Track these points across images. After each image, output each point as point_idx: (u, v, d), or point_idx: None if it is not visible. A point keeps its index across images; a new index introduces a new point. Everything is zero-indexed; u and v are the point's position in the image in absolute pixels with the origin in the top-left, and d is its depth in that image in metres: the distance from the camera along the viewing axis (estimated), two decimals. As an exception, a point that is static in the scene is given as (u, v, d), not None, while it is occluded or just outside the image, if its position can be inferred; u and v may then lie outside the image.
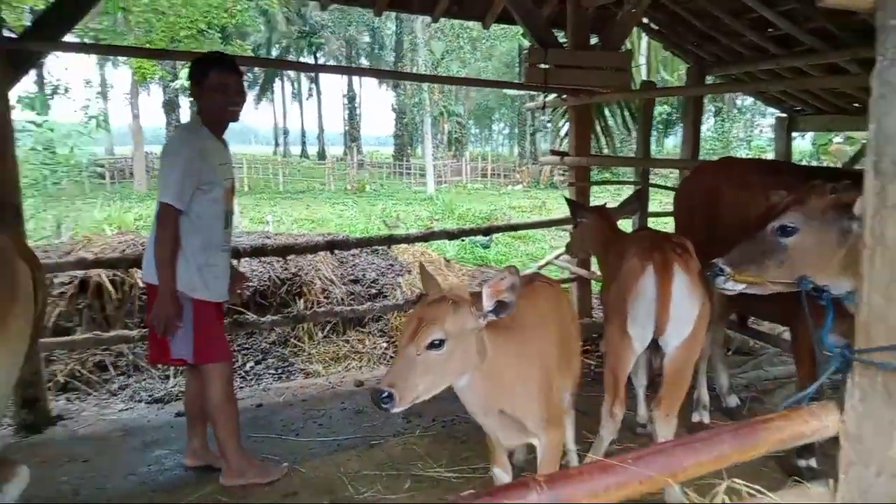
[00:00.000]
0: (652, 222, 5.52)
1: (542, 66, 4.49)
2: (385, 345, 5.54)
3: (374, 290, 6.10)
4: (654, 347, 2.65)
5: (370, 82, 56.92)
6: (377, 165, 35.03)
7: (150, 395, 4.66)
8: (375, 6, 5.10)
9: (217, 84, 2.83)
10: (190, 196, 2.79)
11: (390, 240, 4.90)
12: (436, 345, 1.74)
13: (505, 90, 29.69)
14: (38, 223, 9.77)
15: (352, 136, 40.92)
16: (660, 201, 9.09)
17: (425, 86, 25.52)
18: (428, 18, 5.61)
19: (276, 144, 53.61)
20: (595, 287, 5.63)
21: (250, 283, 5.28)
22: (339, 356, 5.38)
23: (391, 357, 5.32)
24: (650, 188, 5.51)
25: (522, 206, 20.41)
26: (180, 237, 2.82)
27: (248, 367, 5.25)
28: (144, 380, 4.93)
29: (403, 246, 6.62)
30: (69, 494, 3.10)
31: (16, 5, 12.73)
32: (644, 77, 8.05)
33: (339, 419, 3.96)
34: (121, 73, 28.61)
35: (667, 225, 6.19)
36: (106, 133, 22.07)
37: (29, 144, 12.03)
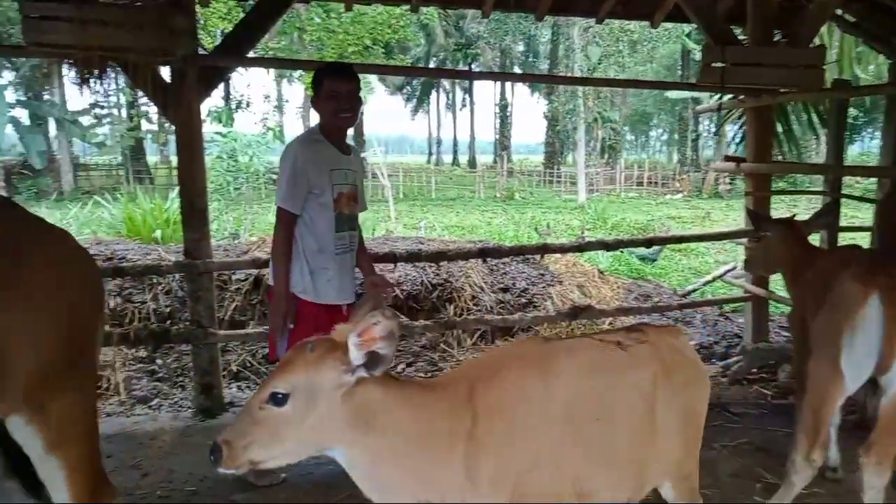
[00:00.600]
0: (841, 238, 4.86)
1: (718, 64, 4.12)
2: (534, 356, 5.39)
3: (523, 300, 5.99)
4: (868, 384, 2.27)
5: (522, 91, 57.11)
6: (527, 173, 34.91)
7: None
8: (537, 11, 5.00)
9: (329, 92, 2.91)
10: (301, 200, 2.89)
11: (544, 249, 4.75)
12: (278, 399, 1.43)
13: (666, 93, 28.28)
14: (220, 224, 10.80)
15: (502, 144, 41.19)
16: (845, 214, 8.06)
17: (580, 92, 25.00)
18: (586, 23, 5.40)
19: (430, 153, 55.38)
20: (775, 308, 5.07)
21: (392, 292, 5.34)
22: (487, 364, 5.32)
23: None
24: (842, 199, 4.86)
25: (683, 216, 19.24)
26: (296, 239, 2.94)
27: (399, 369, 5.36)
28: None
29: (555, 255, 6.43)
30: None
31: (210, 29, 14.29)
32: (834, 75, 7.20)
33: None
34: (295, 89, 31.10)
35: (855, 242, 5.43)
36: (281, 143, 24.13)
37: (215, 153, 13.42)
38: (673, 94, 26.13)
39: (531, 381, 1.65)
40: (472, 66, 37.95)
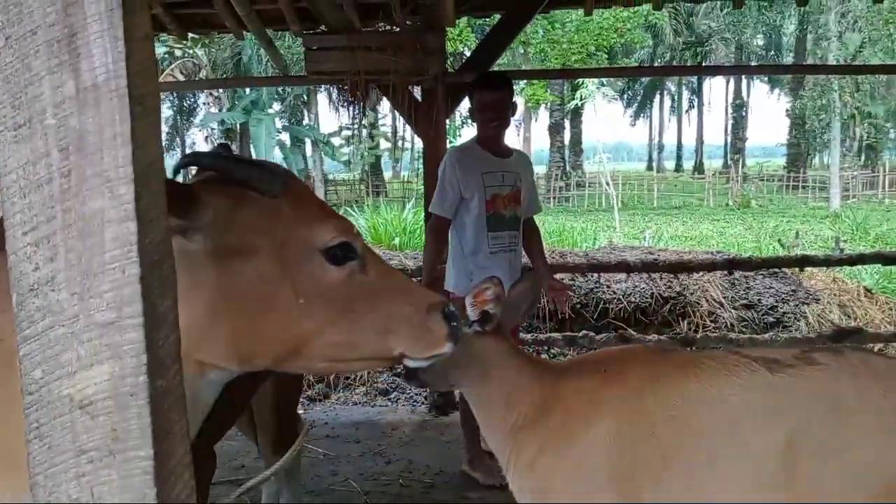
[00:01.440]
0: None
1: None
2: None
3: (771, 319, 5.39)
4: None
5: (760, 89, 51.88)
6: (765, 178, 31.58)
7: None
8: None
9: (478, 104, 3.11)
10: (452, 205, 3.09)
11: (804, 262, 4.23)
12: None
13: (948, 82, 23.67)
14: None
15: (736, 147, 37.80)
16: None
17: (835, 85, 21.98)
18: (843, 8, 4.70)
19: (650, 160, 52.95)
20: None
21: (569, 296, 5.07)
22: (727, 387, 4.89)
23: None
24: None
25: (972, 227, 15.91)
26: (455, 241, 3.13)
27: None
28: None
29: (810, 270, 5.70)
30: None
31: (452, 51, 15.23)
32: None
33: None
34: (518, 101, 31.85)
35: None
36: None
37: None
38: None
39: (611, 393, 1.65)
40: (702, 64, 35.46)
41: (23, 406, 0.74)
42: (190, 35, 5.27)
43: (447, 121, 4.66)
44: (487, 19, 5.95)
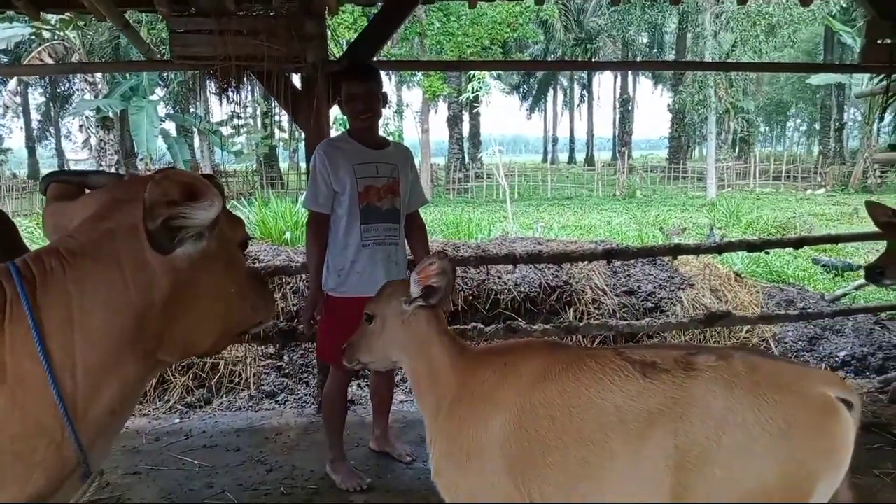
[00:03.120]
0: None
1: (886, 41, 3.64)
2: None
3: (649, 304, 5.65)
4: None
5: (645, 85, 54.78)
6: (649, 170, 33.44)
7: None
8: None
9: (346, 95, 3.07)
10: (328, 199, 3.05)
11: (676, 250, 4.44)
12: (368, 318, 1.91)
13: (807, 80, 26.04)
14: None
15: (623, 140, 39.76)
16: None
17: (711, 82, 23.54)
18: (718, 7, 4.98)
19: (545, 152, 54.68)
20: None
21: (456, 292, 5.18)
22: (610, 372, 5.08)
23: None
24: None
25: (827, 213, 17.57)
26: (329, 238, 3.11)
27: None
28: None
29: (685, 257, 6.03)
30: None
31: (337, 39, 14.91)
32: None
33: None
34: (415, 94, 31.81)
35: None
36: (399, 146, 24.78)
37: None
38: (815, 80, 23.96)
39: (506, 387, 1.71)
40: (593, 60, 36.95)
41: None
42: (51, 16, 4.79)
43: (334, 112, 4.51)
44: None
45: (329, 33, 5.04)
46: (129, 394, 1.27)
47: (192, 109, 23.92)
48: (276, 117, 25.12)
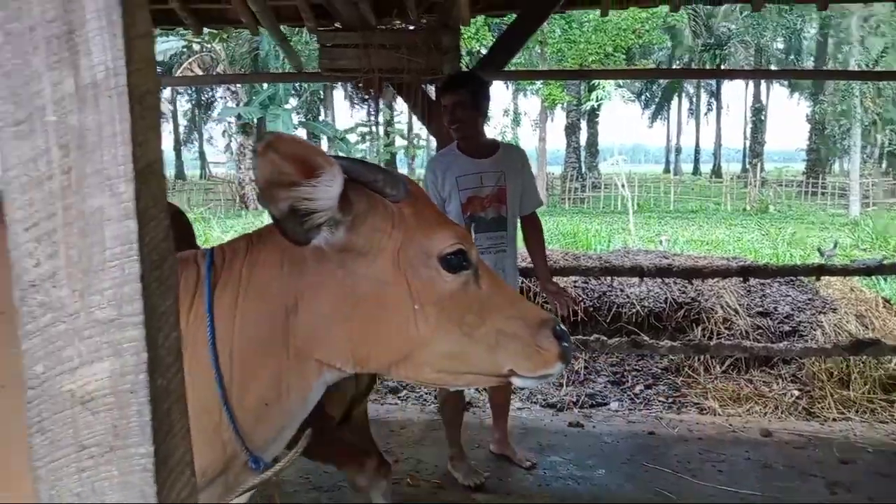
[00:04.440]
0: None
1: None
2: (797, 393, 4.75)
3: (786, 328, 5.31)
4: None
5: (780, 93, 51.29)
6: (783, 184, 31.23)
7: (545, 400, 4.91)
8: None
9: (442, 107, 3.13)
10: (442, 209, 3.00)
11: (820, 270, 4.16)
12: None
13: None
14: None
15: (754, 151, 37.41)
16: None
17: (856, 91, 21.68)
18: (867, 10, 4.61)
19: (667, 162, 52.55)
20: None
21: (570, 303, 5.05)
22: (740, 397, 4.82)
23: (803, 408, 4.56)
24: None
25: None
26: None
27: (637, 390, 5.11)
28: (541, 384, 5.21)
29: (827, 279, 5.61)
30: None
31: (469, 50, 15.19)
32: None
33: (742, 469, 3.52)
34: (531, 102, 31.76)
35: None
36: (516, 154, 24.87)
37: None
38: None
39: None
40: (722, 67, 35.17)
41: (26, 400, 0.74)
42: (206, 30, 5.31)
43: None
44: (504, 18, 5.93)
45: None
46: (286, 390, 1.19)
47: (321, 118, 25.31)
48: (398, 125, 26.07)
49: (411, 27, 3.90)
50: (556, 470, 3.50)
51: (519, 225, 3.29)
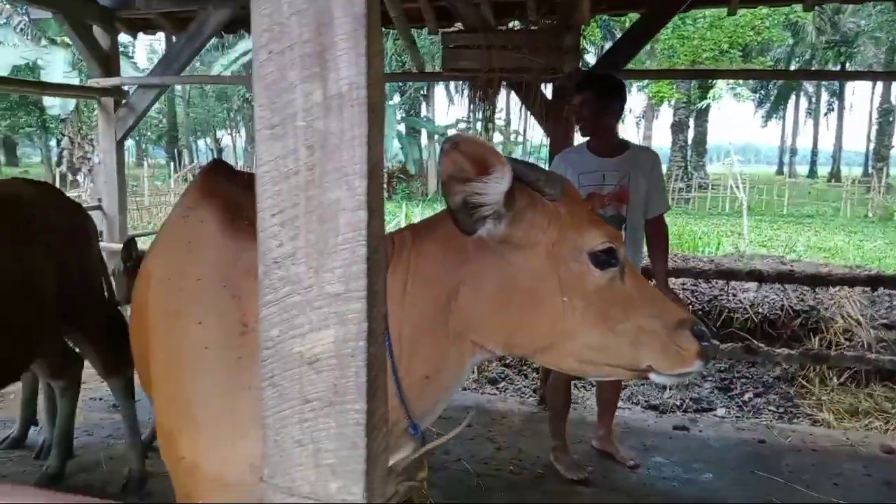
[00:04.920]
0: None
1: None
2: (925, 411, 4.45)
3: (915, 343, 4.98)
4: None
5: (914, 90, 46.84)
6: (913, 190, 28.61)
7: (646, 401, 4.86)
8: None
9: (573, 105, 3.19)
10: None
11: (960, 284, 3.87)
12: None
13: None
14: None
15: (879, 154, 34.50)
16: None
17: None
18: None
19: (781, 163, 49.48)
20: None
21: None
22: (859, 411, 4.58)
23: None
24: None
25: None
26: None
27: (746, 398, 4.96)
28: (643, 385, 5.16)
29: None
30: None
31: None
32: None
33: (860, 484, 3.36)
34: (636, 99, 30.85)
35: None
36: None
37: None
38: None
39: None
40: (847, 65, 32.66)
41: (262, 358, 0.89)
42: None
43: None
44: (619, 18, 5.87)
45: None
46: (444, 367, 1.32)
47: (422, 114, 25.78)
48: (499, 122, 26.10)
49: (533, 27, 3.97)
50: (661, 471, 3.48)
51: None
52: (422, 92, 24.87)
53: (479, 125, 27.10)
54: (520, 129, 30.10)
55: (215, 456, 1.29)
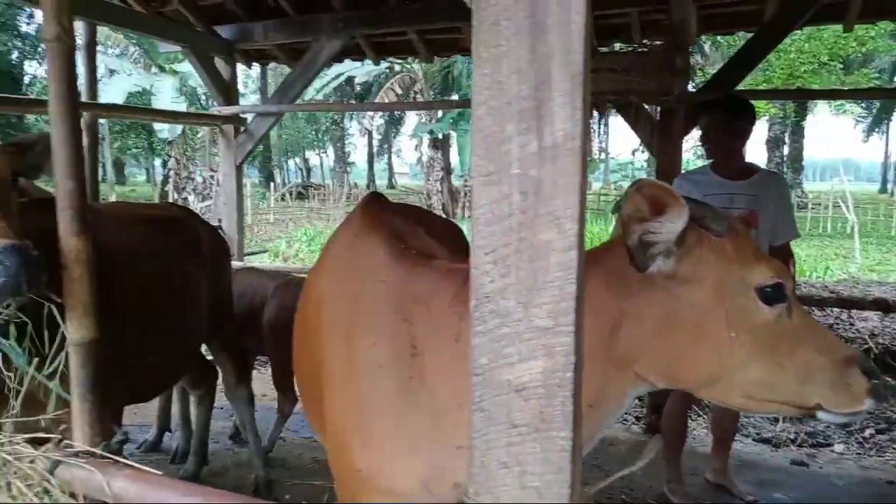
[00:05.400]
0: None
1: None
2: None
3: None
4: None
5: None
6: None
7: (758, 434, 4.67)
8: None
9: (698, 127, 3.18)
10: None
11: None
12: None
13: None
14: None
15: None
16: None
17: None
18: None
19: (885, 181, 46.28)
20: None
21: None
22: None
23: None
24: None
25: None
26: None
27: (867, 434, 4.66)
28: (753, 416, 4.96)
29: None
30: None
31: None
32: None
33: None
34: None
35: None
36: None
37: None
38: None
39: None
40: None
41: (470, 385, 0.97)
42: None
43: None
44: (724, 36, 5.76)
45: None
46: (606, 396, 1.34)
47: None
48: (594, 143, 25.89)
49: (642, 49, 3.98)
50: (779, 508, 3.35)
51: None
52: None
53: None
54: (600, 146, 29.72)
55: (388, 469, 1.38)
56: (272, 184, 30.67)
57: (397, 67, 20.20)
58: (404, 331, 1.41)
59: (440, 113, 21.14)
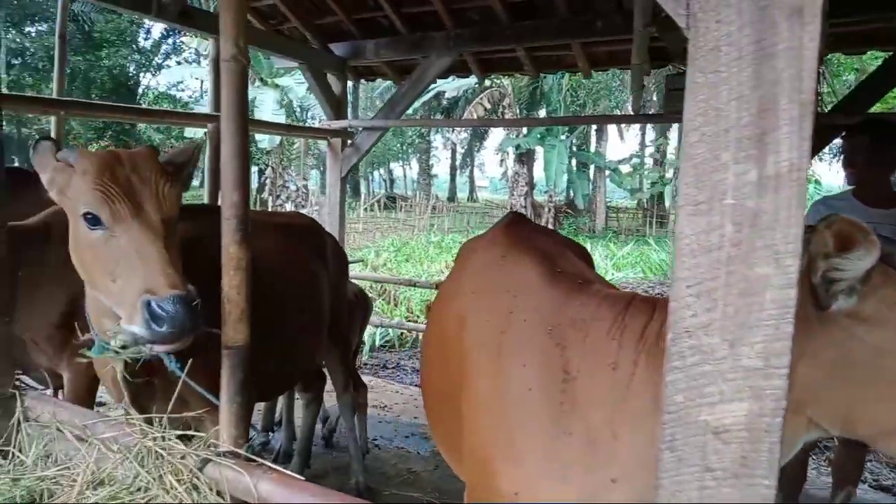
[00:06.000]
0: None
1: None
2: None
3: None
4: None
5: None
6: None
7: (875, 480, 4.33)
8: None
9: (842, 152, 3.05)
10: None
11: None
12: None
13: None
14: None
15: None
16: None
17: None
18: None
19: None
20: None
21: None
22: None
23: None
24: None
25: None
26: None
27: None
28: (870, 461, 4.60)
29: None
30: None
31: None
32: None
33: None
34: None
35: None
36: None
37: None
38: None
39: None
40: None
41: (661, 421, 0.93)
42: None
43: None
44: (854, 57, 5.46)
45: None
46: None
47: (592, 148, 25.53)
48: (671, 157, 25.13)
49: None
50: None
51: None
52: (594, 126, 24.66)
53: (647, 160, 26.30)
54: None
55: (537, 494, 1.35)
56: (360, 194, 31.48)
57: (487, 83, 20.32)
58: (557, 355, 1.38)
59: (525, 129, 21.07)
